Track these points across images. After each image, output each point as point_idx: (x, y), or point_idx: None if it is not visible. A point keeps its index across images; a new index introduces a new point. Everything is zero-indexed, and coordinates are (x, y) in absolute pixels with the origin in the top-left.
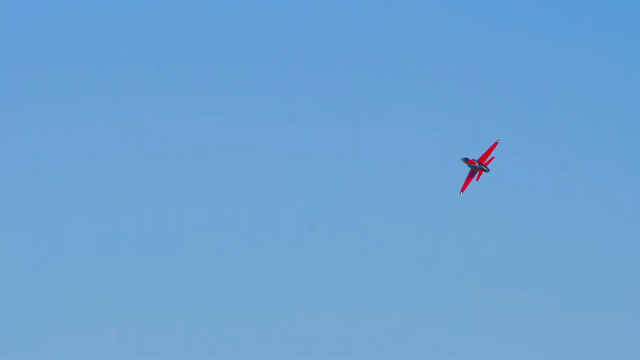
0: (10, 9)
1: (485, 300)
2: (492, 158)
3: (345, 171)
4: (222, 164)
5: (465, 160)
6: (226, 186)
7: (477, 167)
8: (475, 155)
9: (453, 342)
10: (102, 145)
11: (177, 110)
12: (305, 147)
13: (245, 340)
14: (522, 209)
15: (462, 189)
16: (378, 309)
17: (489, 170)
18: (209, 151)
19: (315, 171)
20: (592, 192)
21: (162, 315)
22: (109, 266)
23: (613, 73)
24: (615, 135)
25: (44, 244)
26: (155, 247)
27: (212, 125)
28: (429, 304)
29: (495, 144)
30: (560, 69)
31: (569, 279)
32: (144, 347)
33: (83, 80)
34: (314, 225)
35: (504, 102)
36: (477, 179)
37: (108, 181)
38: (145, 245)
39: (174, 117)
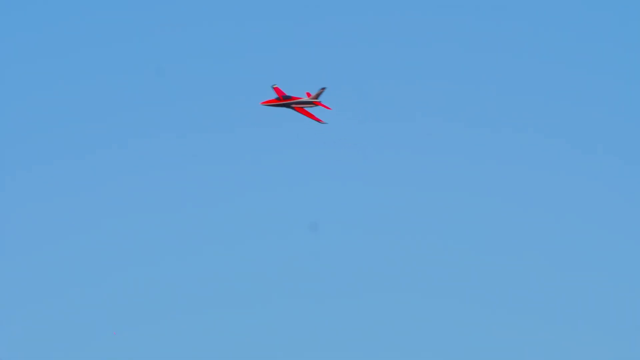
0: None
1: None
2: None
3: None
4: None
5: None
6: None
7: (310, 100)
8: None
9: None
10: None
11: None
12: None
13: (245, 342)
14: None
15: (319, 120)
16: None
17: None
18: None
19: None
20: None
21: (162, 316)
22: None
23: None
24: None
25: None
26: (152, 242)
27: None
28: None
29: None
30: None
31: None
32: (144, 347)
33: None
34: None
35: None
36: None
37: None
38: (141, 241)
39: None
